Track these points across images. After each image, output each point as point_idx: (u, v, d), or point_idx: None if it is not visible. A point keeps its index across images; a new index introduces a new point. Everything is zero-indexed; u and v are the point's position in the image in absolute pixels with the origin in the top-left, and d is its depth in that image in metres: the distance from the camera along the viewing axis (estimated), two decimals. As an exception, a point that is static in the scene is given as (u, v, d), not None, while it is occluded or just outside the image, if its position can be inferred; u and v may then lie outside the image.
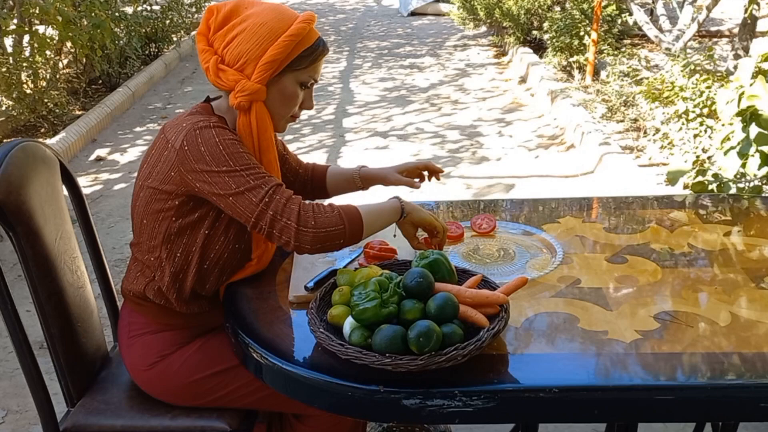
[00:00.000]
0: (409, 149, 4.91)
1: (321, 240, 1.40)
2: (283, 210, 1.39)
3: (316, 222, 1.39)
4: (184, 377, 1.57)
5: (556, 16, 6.45)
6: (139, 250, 1.58)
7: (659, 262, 1.63)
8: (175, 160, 1.43)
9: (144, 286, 1.56)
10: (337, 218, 1.41)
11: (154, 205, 1.49)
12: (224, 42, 1.46)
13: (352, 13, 10.67)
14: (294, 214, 1.38)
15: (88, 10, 5.39)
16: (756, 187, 2.80)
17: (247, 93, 1.45)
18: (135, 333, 1.61)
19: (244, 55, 1.44)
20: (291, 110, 1.55)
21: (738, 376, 1.23)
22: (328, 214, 1.41)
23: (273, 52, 1.43)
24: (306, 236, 1.39)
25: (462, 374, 1.22)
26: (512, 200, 2.14)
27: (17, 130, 5.08)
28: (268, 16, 1.45)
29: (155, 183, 1.48)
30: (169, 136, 1.45)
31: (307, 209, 1.40)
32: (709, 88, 3.95)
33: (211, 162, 1.40)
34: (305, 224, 1.38)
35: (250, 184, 1.40)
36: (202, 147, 1.40)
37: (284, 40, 1.43)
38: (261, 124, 1.50)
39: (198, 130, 1.41)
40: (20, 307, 1.51)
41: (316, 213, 1.40)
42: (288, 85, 1.50)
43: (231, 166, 1.40)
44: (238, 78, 1.45)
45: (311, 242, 1.39)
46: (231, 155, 1.41)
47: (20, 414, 2.42)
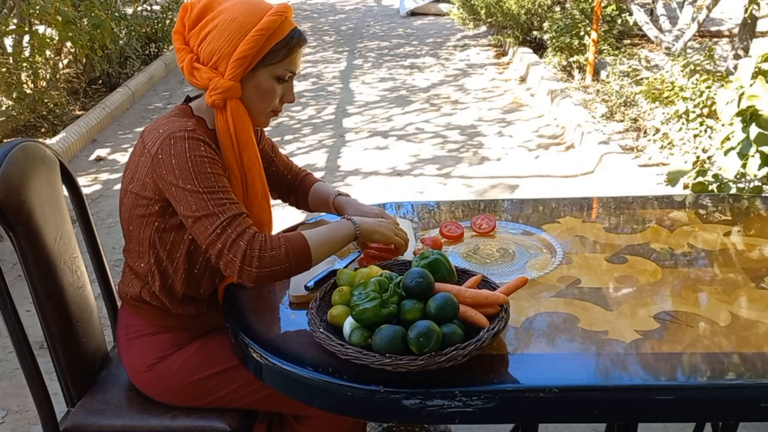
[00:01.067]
0: (409, 149, 4.91)
1: (264, 278, 1.40)
2: (231, 245, 1.38)
3: (261, 263, 1.38)
4: (183, 378, 1.56)
5: (557, 16, 6.45)
6: (130, 257, 1.58)
7: (659, 262, 1.62)
8: (150, 166, 1.43)
9: (139, 289, 1.56)
10: (283, 256, 1.40)
11: (137, 210, 1.49)
12: (198, 39, 1.45)
13: (352, 13, 10.67)
14: (240, 251, 1.37)
15: (88, 10, 5.39)
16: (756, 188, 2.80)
17: (221, 91, 1.44)
18: (133, 335, 1.61)
19: (216, 53, 1.43)
20: (269, 105, 1.53)
21: (738, 376, 1.23)
22: (275, 251, 1.39)
23: (243, 48, 1.41)
24: (249, 275, 1.39)
25: (462, 374, 1.22)
26: (512, 200, 2.14)
27: (17, 130, 5.08)
28: (239, 10, 1.43)
29: (136, 188, 1.48)
30: (146, 141, 1.45)
31: (254, 247, 1.38)
32: (709, 88, 3.95)
33: (179, 176, 1.39)
34: (249, 264, 1.38)
35: (208, 210, 1.39)
36: (173, 159, 1.39)
37: (254, 34, 1.41)
38: (238, 121, 1.48)
39: (173, 140, 1.40)
40: (20, 307, 1.51)
41: (262, 251, 1.38)
42: (263, 80, 1.48)
43: (195, 186, 1.39)
44: (212, 76, 1.44)
45: (254, 280, 1.40)
46: (198, 174, 1.39)
47: (20, 414, 2.42)
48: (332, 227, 1.53)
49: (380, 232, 1.55)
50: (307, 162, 4.69)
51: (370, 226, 1.55)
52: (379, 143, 5.07)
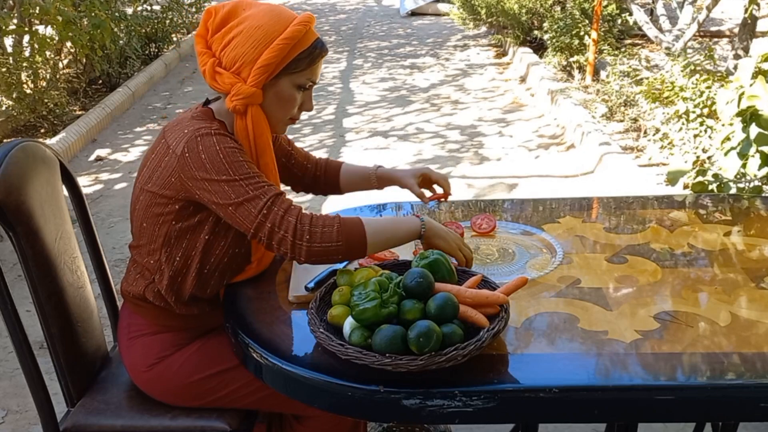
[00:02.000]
0: (409, 149, 4.91)
1: (316, 254, 1.39)
2: (281, 222, 1.38)
3: (312, 236, 1.37)
4: (183, 378, 1.57)
5: (557, 16, 6.45)
6: (139, 253, 1.58)
7: (659, 262, 1.62)
8: (176, 166, 1.42)
9: (143, 288, 1.56)
10: (335, 234, 1.38)
11: (154, 209, 1.49)
12: (222, 45, 1.45)
13: (353, 13, 10.66)
14: (291, 226, 1.37)
15: (88, 10, 5.39)
16: (756, 188, 2.80)
17: (243, 97, 1.44)
18: (134, 334, 1.61)
19: (239, 59, 1.43)
20: (289, 113, 1.53)
21: (738, 376, 1.23)
22: (326, 228, 1.38)
23: (268, 56, 1.42)
24: (301, 249, 1.38)
25: (462, 374, 1.22)
26: (512, 200, 2.14)
27: (17, 130, 5.08)
28: (264, 18, 1.44)
29: (155, 187, 1.47)
30: (170, 141, 1.45)
31: (304, 222, 1.38)
32: (709, 88, 3.95)
33: (211, 170, 1.39)
34: (300, 237, 1.37)
35: (249, 194, 1.39)
36: (202, 154, 1.40)
37: (279, 43, 1.42)
38: (257, 128, 1.49)
39: (200, 137, 1.41)
40: (20, 307, 1.51)
41: (312, 226, 1.38)
42: (285, 88, 1.48)
43: (231, 175, 1.39)
44: (234, 81, 1.44)
45: (306, 255, 1.39)
46: (231, 164, 1.40)
47: (20, 414, 2.42)
48: (396, 219, 1.53)
49: (446, 239, 1.51)
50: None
51: (438, 230, 1.51)
52: (379, 143, 5.07)
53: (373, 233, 1.42)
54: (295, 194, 1.92)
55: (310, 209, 3.89)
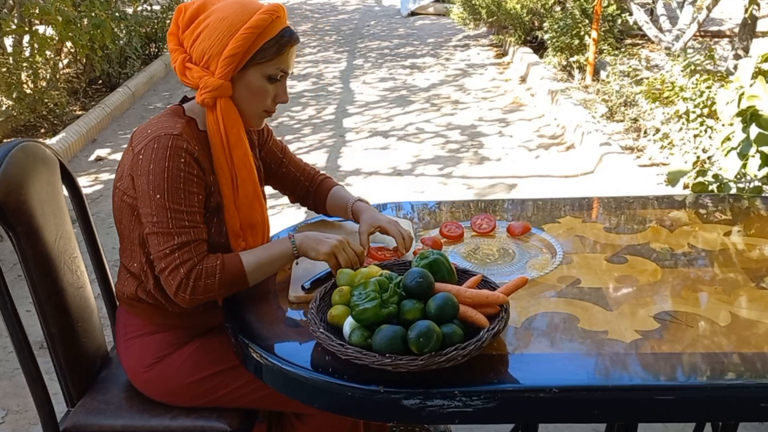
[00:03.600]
0: (409, 149, 4.91)
1: (197, 302, 1.46)
2: (172, 270, 1.42)
3: (194, 291, 1.42)
4: (183, 378, 1.56)
5: (557, 16, 6.45)
6: (124, 256, 1.59)
7: (659, 262, 1.62)
8: (130, 163, 1.45)
9: (135, 288, 1.56)
10: (216, 285, 1.43)
11: (126, 209, 1.50)
12: (191, 40, 1.46)
13: (353, 14, 10.66)
14: (177, 279, 1.42)
15: (88, 10, 5.39)
16: (756, 188, 2.80)
17: (211, 89, 1.45)
18: (132, 335, 1.61)
19: (207, 52, 1.44)
20: (261, 105, 1.52)
21: (738, 376, 1.23)
22: (209, 280, 1.43)
23: (233, 46, 1.42)
24: (183, 300, 1.44)
25: (462, 374, 1.22)
26: (512, 200, 2.14)
27: (17, 130, 5.08)
28: (230, 10, 1.44)
29: (123, 186, 1.49)
30: (134, 139, 1.47)
31: (189, 277, 1.42)
32: (710, 88, 3.95)
33: (151, 182, 1.40)
34: (183, 291, 1.42)
35: (166, 228, 1.41)
36: (151, 164, 1.41)
37: (243, 32, 1.42)
38: (227, 121, 1.49)
39: (157, 143, 1.41)
40: (20, 307, 1.51)
41: (196, 280, 1.42)
42: (254, 79, 1.48)
43: (163, 198, 1.41)
44: (203, 75, 1.45)
45: (187, 304, 1.45)
46: (169, 187, 1.41)
47: (20, 414, 2.42)
48: (269, 248, 1.52)
49: (317, 250, 1.50)
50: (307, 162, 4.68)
51: (309, 244, 1.51)
52: (379, 143, 5.07)
53: (252, 270, 1.47)
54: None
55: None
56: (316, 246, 1.50)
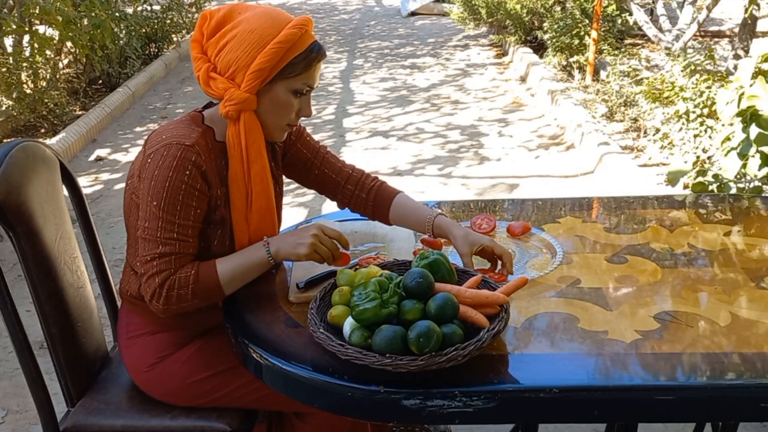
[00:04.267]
0: (409, 149, 4.91)
1: (171, 312, 1.46)
2: (148, 278, 1.43)
3: (167, 301, 1.43)
4: (184, 378, 1.57)
5: (557, 16, 6.45)
6: (130, 254, 1.58)
7: (659, 262, 1.62)
8: (140, 165, 1.45)
9: (138, 286, 1.56)
10: (189, 296, 1.43)
11: (134, 208, 1.50)
12: (216, 49, 1.43)
13: (354, 14, 10.66)
14: (152, 287, 1.42)
15: (88, 10, 5.39)
16: (756, 188, 2.80)
17: (236, 102, 1.42)
18: (134, 334, 1.61)
19: (233, 63, 1.41)
20: (285, 119, 1.50)
21: (738, 376, 1.23)
22: (182, 290, 1.43)
23: (261, 60, 1.39)
24: (156, 308, 1.45)
25: (462, 374, 1.22)
26: (512, 200, 2.13)
27: (17, 130, 5.08)
28: (259, 22, 1.41)
29: (132, 186, 1.50)
30: (148, 142, 1.46)
31: (163, 287, 1.42)
32: (710, 88, 3.95)
33: (152, 188, 1.40)
34: (157, 299, 1.43)
35: (154, 236, 1.41)
36: (156, 170, 1.40)
37: (273, 47, 1.39)
38: (250, 135, 1.47)
39: (167, 150, 1.41)
40: (20, 307, 1.51)
41: (170, 290, 1.42)
42: (280, 93, 1.45)
43: (158, 207, 1.40)
44: (228, 87, 1.42)
45: (161, 313, 1.46)
46: (168, 198, 1.40)
47: (20, 414, 2.42)
48: (245, 255, 1.49)
49: (296, 254, 1.47)
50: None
51: (286, 249, 1.48)
52: (379, 143, 5.07)
53: (227, 281, 1.46)
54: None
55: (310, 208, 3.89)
56: (294, 250, 1.47)
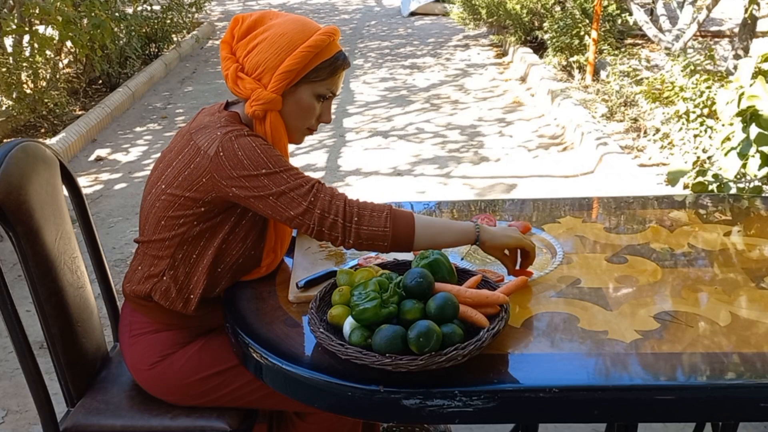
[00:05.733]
0: (409, 149, 4.91)
1: (365, 237, 1.41)
2: (329, 207, 1.40)
3: (360, 219, 1.40)
4: (185, 377, 1.57)
5: (557, 16, 6.45)
6: (151, 248, 1.55)
7: (659, 262, 1.62)
8: (208, 166, 1.43)
9: (151, 286, 1.55)
10: (383, 220, 1.41)
11: (178, 209, 1.49)
12: (246, 51, 1.48)
13: (354, 14, 10.67)
14: (340, 210, 1.40)
15: (88, 10, 5.39)
16: (756, 188, 2.80)
17: (263, 102, 1.46)
18: (136, 332, 1.61)
19: (262, 64, 1.46)
20: (307, 122, 1.55)
21: (738, 376, 1.23)
22: (375, 212, 1.41)
23: (290, 62, 1.44)
24: (350, 231, 1.40)
25: (462, 374, 1.22)
26: (512, 200, 2.13)
27: (17, 130, 5.08)
28: (290, 27, 1.47)
29: (180, 190, 1.47)
30: (200, 143, 1.45)
31: (352, 205, 1.41)
32: (709, 88, 3.95)
33: (249, 166, 1.41)
34: (350, 219, 1.40)
35: (291, 183, 1.41)
36: (239, 152, 1.41)
37: (302, 51, 1.44)
38: (275, 134, 1.51)
39: (234, 138, 1.43)
40: (20, 307, 1.51)
41: (361, 209, 1.41)
42: (304, 96, 1.50)
43: (270, 168, 1.41)
44: (255, 87, 1.46)
45: (355, 237, 1.41)
46: (269, 158, 1.42)
47: (20, 414, 2.42)
48: (451, 222, 1.51)
49: (504, 234, 1.48)
50: (308, 162, 4.69)
51: (492, 235, 1.48)
52: (379, 143, 5.07)
53: (424, 228, 1.44)
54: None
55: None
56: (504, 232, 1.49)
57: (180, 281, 1.54)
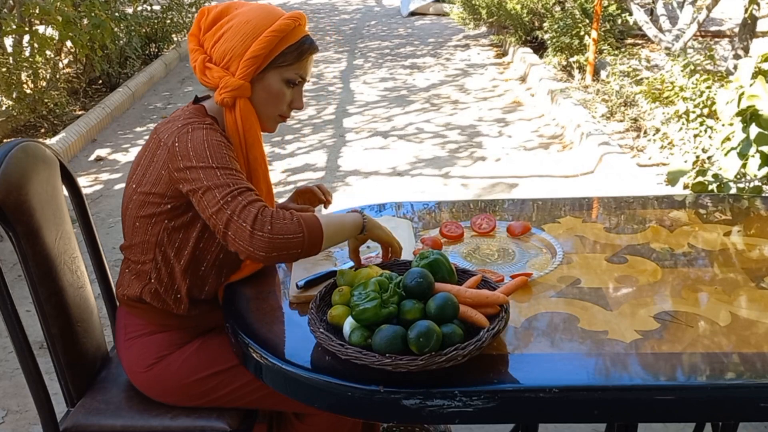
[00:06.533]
0: (409, 149, 4.91)
1: (277, 248, 1.32)
2: (240, 211, 1.33)
3: (273, 228, 1.32)
4: (183, 378, 1.56)
5: (557, 16, 6.45)
6: (133, 253, 1.57)
7: (659, 262, 1.62)
8: (165, 157, 1.44)
9: (140, 289, 1.55)
10: (296, 226, 1.34)
11: (148, 208, 1.49)
12: (213, 41, 1.49)
13: (354, 14, 10.67)
14: (251, 216, 1.32)
15: (88, 10, 5.39)
16: (756, 188, 2.80)
17: (231, 89, 1.47)
18: (132, 335, 1.61)
19: (229, 52, 1.47)
20: (278, 109, 1.55)
21: (738, 376, 1.23)
22: (287, 221, 1.34)
23: (256, 48, 1.45)
24: (261, 240, 1.31)
25: (462, 374, 1.22)
26: (512, 200, 2.14)
27: (17, 130, 5.08)
28: (254, 13, 1.48)
29: (148, 186, 1.48)
30: (161, 136, 1.46)
31: (265, 214, 1.34)
32: (709, 88, 3.95)
33: (193, 158, 1.40)
34: (261, 228, 1.32)
35: (218, 180, 1.37)
36: (189, 144, 1.41)
37: (267, 35, 1.45)
38: (246, 122, 1.51)
39: (190, 131, 1.42)
40: (20, 307, 1.51)
41: (274, 219, 1.33)
42: (273, 82, 1.51)
43: (208, 163, 1.39)
44: (223, 75, 1.47)
45: (266, 249, 1.32)
46: (213, 153, 1.40)
47: (20, 414, 2.42)
48: (341, 215, 1.53)
49: (384, 230, 1.54)
50: (307, 162, 4.69)
51: (374, 223, 1.54)
52: (379, 143, 5.07)
53: (327, 227, 1.40)
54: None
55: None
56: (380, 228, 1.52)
57: (165, 282, 1.54)
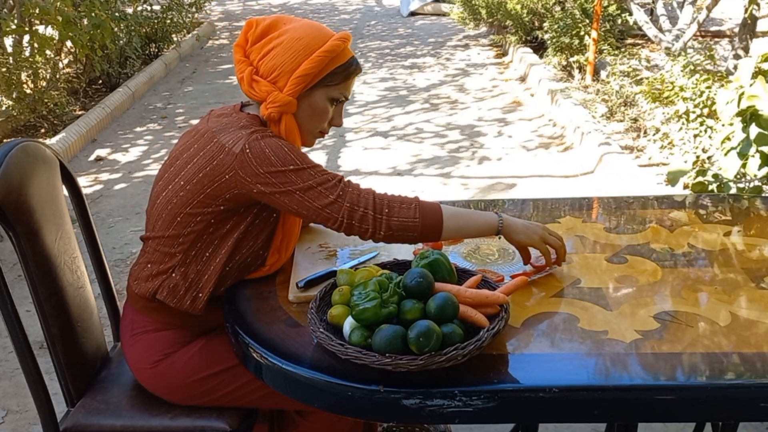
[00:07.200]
0: (409, 149, 4.91)
1: (395, 228, 1.43)
2: (358, 199, 1.43)
3: (390, 210, 1.43)
4: (187, 376, 1.57)
5: (557, 16, 6.45)
6: (162, 244, 1.55)
7: (659, 262, 1.62)
8: (233, 163, 1.43)
9: (160, 283, 1.54)
10: (413, 211, 1.43)
11: (196, 207, 1.49)
12: (260, 54, 1.50)
13: (354, 14, 10.67)
14: (370, 202, 1.42)
15: (88, 10, 5.39)
16: (756, 188, 2.80)
17: (278, 105, 1.49)
18: (138, 331, 1.61)
19: (278, 68, 1.48)
20: (320, 126, 1.58)
21: (738, 376, 1.23)
22: (404, 204, 1.44)
23: (306, 66, 1.47)
24: (381, 223, 1.42)
25: (462, 374, 1.22)
26: (512, 200, 2.14)
27: (17, 130, 5.08)
28: (305, 31, 1.50)
29: (200, 186, 1.47)
30: (224, 141, 1.46)
31: (381, 197, 1.44)
32: (709, 88, 3.95)
33: (277, 162, 1.42)
34: (380, 211, 1.42)
35: (318, 178, 1.43)
36: (266, 149, 1.43)
37: (319, 55, 1.48)
38: (289, 136, 1.53)
39: (261, 138, 1.45)
40: (20, 307, 1.51)
41: (390, 201, 1.43)
42: (318, 100, 1.53)
43: (297, 165, 1.43)
44: (271, 89, 1.49)
45: (386, 229, 1.43)
46: (296, 155, 1.44)
47: (20, 414, 2.42)
48: (475, 212, 1.54)
49: (526, 234, 1.52)
50: None
51: (516, 225, 1.52)
52: (379, 143, 5.07)
53: (450, 219, 1.46)
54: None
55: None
56: (525, 230, 1.52)
57: (190, 279, 1.54)
